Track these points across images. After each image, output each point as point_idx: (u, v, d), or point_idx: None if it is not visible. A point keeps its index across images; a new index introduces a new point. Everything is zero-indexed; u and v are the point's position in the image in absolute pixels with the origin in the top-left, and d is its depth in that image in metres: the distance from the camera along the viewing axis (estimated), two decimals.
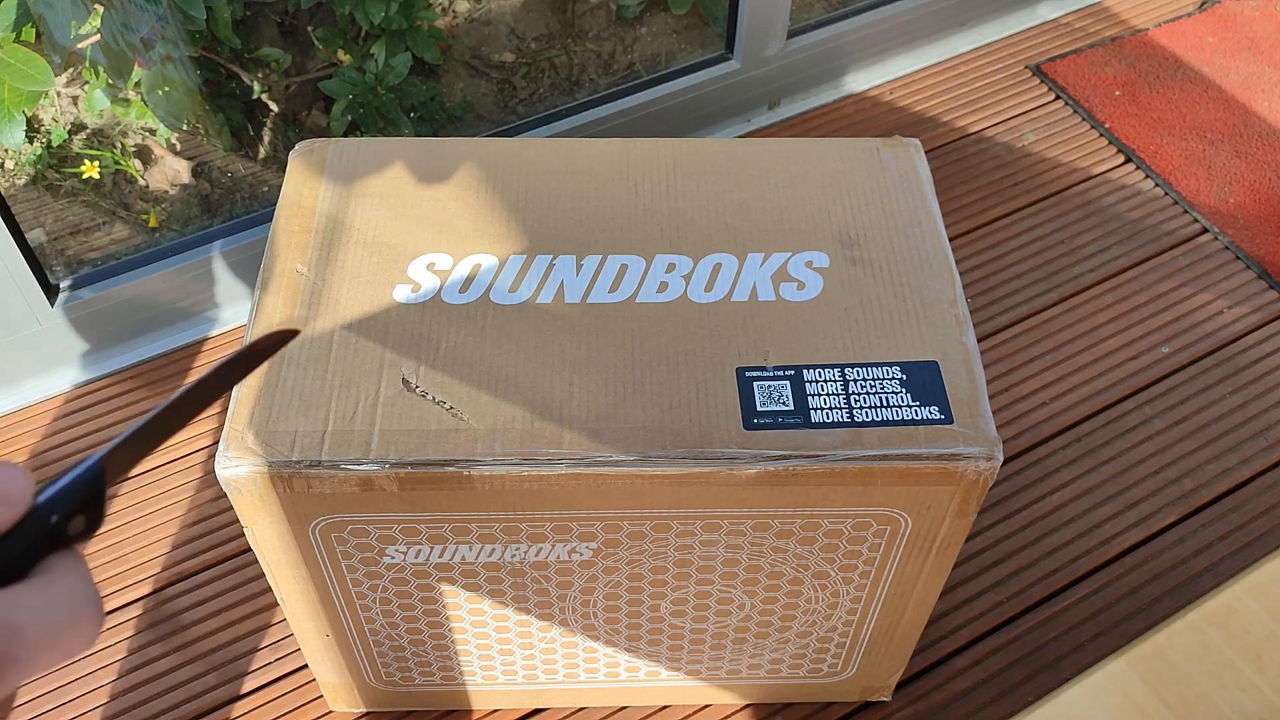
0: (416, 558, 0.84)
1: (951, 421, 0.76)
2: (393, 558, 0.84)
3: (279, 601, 0.89)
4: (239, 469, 0.74)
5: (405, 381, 0.78)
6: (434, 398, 0.77)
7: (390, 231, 0.86)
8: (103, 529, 1.21)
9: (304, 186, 0.89)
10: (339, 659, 0.98)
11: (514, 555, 0.84)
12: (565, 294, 0.82)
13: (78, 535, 0.34)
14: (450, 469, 0.75)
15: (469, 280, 0.83)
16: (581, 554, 0.84)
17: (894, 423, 0.76)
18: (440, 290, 0.82)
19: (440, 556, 0.84)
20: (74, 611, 0.31)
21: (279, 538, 0.81)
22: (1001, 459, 0.77)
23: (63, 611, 0.30)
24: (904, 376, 0.78)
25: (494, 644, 0.97)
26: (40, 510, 0.32)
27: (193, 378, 0.87)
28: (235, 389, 0.77)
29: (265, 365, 0.78)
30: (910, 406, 0.77)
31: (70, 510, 0.33)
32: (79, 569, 0.32)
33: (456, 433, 0.75)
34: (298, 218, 0.87)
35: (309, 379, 0.78)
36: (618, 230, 0.87)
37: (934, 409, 0.77)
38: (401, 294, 0.82)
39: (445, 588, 0.88)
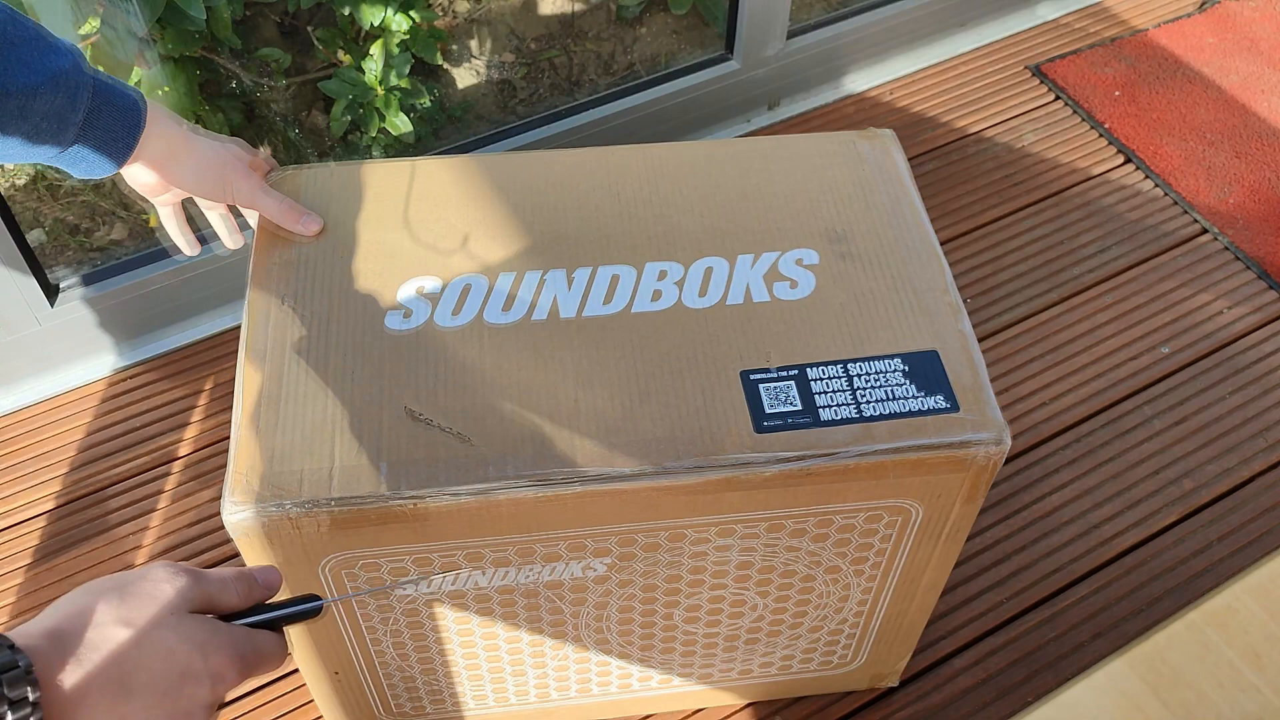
0: (429, 588, 0.82)
1: (958, 409, 0.77)
2: (404, 590, 0.82)
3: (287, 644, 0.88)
4: (245, 514, 0.72)
5: (409, 410, 0.76)
6: (440, 424, 0.75)
7: (374, 258, 0.84)
8: (103, 529, 1.21)
9: None
10: (348, 696, 0.96)
11: (528, 577, 0.83)
12: (560, 309, 0.81)
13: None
14: (465, 497, 0.73)
15: (460, 302, 0.81)
16: (596, 569, 0.83)
17: (902, 414, 0.76)
18: (433, 314, 0.81)
19: (453, 584, 0.82)
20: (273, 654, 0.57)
21: (289, 580, 0.78)
22: (1010, 443, 0.77)
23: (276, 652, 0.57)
24: (906, 367, 0.79)
25: (506, 666, 0.95)
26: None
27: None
28: (234, 431, 0.75)
29: (262, 406, 0.76)
30: (916, 397, 0.77)
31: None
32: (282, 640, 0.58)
33: (467, 459, 0.74)
34: (276, 250, 0.84)
35: (309, 415, 0.75)
36: (605, 240, 0.86)
37: (939, 398, 0.77)
38: (394, 321, 0.80)
39: (457, 614, 0.86)
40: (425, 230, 0.86)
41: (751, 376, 0.78)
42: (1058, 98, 1.67)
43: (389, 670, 0.93)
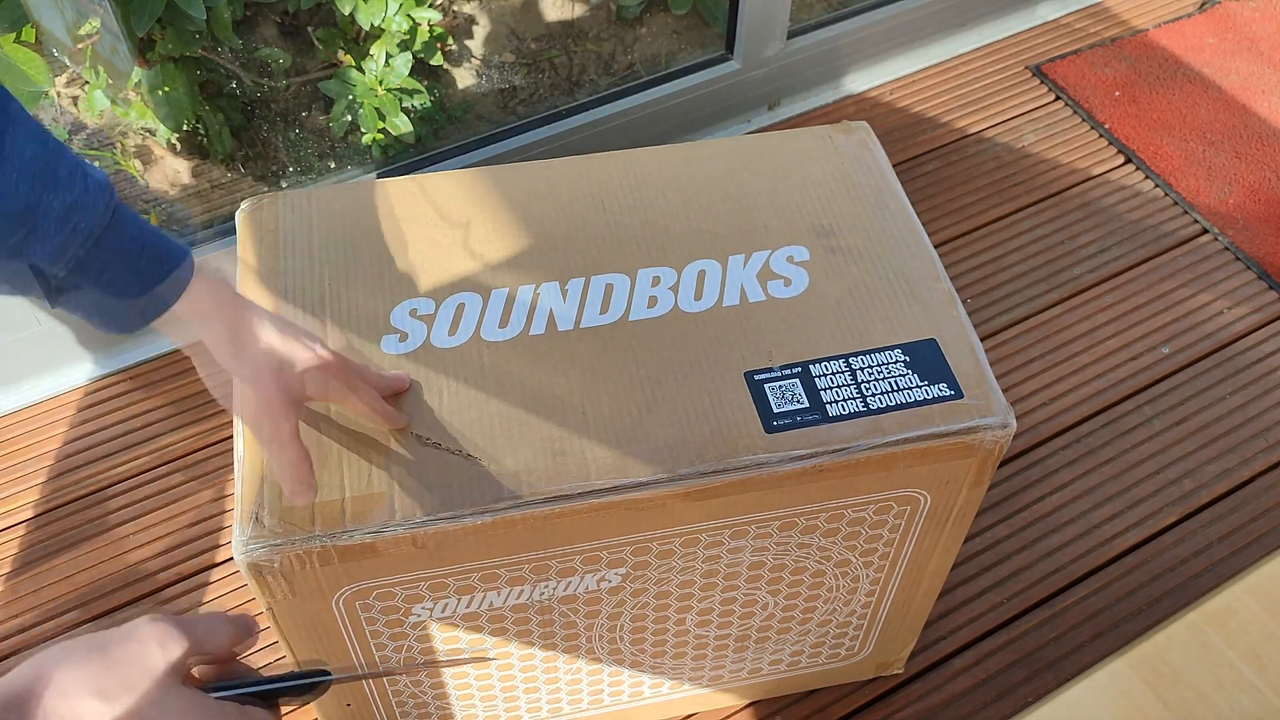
0: (443, 611, 0.81)
1: (962, 395, 0.77)
2: (419, 615, 0.81)
3: None
4: (259, 551, 0.70)
5: (415, 434, 0.75)
6: (448, 447, 0.74)
7: (363, 283, 0.83)
8: (103, 530, 1.21)
9: (260, 247, 0.84)
10: None
11: (542, 594, 0.82)
12: (557, 321, 0.81)
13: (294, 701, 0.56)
14: (480, 519, 0.72)
15: (456, 321, 0.80)
16: (610, 580, 0.82)
17: (908, 405, 0.77)
18: (429, 335, 0.80)
19: (467, 607, 0.81)
20: None
21: (300, 615, 0.77)
22: (1015, 424, 0.77)
23: None
24: (907, 358, 0.79)
25: (519, 683, 0.94)
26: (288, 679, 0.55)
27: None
28: (238, 468, 0.73)
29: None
30: (920, 386, 0.77)
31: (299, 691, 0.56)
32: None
33: (480, 480, 0.73)
34: (263, 280, 0.82)
35: (314, 447, 0.73)
36: (594, 250, 0.85)
37: (943, 385, 0.77)
38: (390, 345, 0.79)
39: (471, 636, 0.86)
40: (412, 251, 0.85)
41: (756, 377, 0.78)
42: (1058, 98, 1.67)
43: (402, 698, 0.92)
